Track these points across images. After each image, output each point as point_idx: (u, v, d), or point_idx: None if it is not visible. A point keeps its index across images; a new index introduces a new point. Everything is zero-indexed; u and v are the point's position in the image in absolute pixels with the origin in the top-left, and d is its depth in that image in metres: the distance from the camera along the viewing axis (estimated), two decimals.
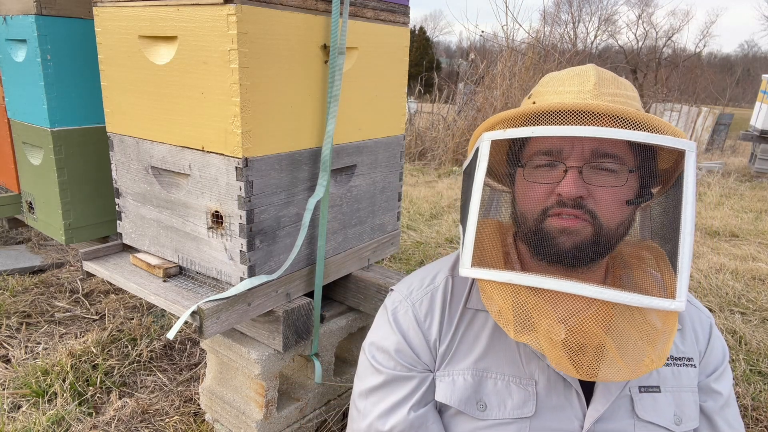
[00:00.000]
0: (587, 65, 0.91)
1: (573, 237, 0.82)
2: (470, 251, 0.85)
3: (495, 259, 0.90)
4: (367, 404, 0.98)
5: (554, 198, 0.84)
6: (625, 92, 0.87)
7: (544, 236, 0.85)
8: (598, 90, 0.84)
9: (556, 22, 9.13)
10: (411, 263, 3.20)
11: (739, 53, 43.11)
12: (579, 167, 0.82)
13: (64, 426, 1.71)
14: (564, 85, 0.88)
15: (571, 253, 0.83)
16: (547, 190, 0.85)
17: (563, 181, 0.82)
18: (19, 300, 2.49)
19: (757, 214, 5.00)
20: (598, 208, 0.82)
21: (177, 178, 1.41)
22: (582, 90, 0.85)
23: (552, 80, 0.92)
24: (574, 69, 0.91)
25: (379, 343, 1.00)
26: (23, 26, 1.65)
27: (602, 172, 0.83)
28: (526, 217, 0.88)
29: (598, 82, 0.85)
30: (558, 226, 0.83)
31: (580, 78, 0.87)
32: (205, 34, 1.21)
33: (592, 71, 0.87)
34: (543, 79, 0.96)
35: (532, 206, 0.87)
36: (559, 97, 0.87)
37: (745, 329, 2.54)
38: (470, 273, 0.84)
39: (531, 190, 0.87)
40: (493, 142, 0.86)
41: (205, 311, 1.24)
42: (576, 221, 0.82)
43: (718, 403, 0.98)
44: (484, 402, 0.91)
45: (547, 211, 0.84)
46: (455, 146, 7.00)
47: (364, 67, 1.51)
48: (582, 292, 0.76)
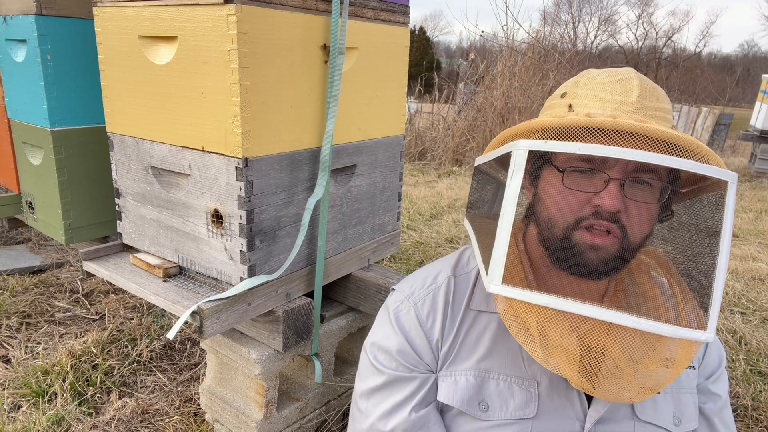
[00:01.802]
0: (627, 70, 0.85)
1: (600, 253, 0.81)
2: (501, 266, 0.79)
3: (520, 275, 0.87)
4: (369, 404, 0.98)
5: (590, 209, 0.80)
6: (664, 105, 0.84)
7: (571, 249, 0.82)
8: (641, 103, 0.81)
9: (556, 22, 9.14)
10: (411, 263, 3.20)
11: (739, 53, 43.14)
12: (622, 180, 0.79)
13: (64, 426, 1.71)
14: (606, 92, 0.83)
15: (597, 269, 0.81)
16: (583, 199, 0.81)
17: (605, 193, 0.79)
18: (19, 300, 2.49)
19: (757, 214, 5.00)
20: (630, 224, 0.80)
21: (177, 178, 1.41)
22: (626, 101, 0.81)
23: (592, 82, 0.86)
24: (615, 73, 0.85)
25: (380, 344, 1.00)
26: (23, 26, 1.65)
27: (640, 186, 0.80)
28: (555, 224, 0.84)
29: (642, 93, 0.81)
30: (589, 241, 0.80)
31: (624, 87, 0.82)
32: (205, 34, 1.21)
33: (635, 80, 0.83)
34: (580, 77, 0.89)
35: (565, 214, 0.83)
36: (600, 105, 0.82)
37: (745, 329, 2.54)
38: (501, 291, 0.79)
39: (566, 196, 0.82)
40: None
41: (205, 311, 1.24)
42: (607, 238, 0.80)
43: (717, 405, 0.99)
44: (486, 402, 0.91)
45: (581, 221, 0.81)
46: (455, 146, 7.00)
47: (364, 67, 1.51)
48: (624, 323, 0.74)
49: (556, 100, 0.91)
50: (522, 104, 6.78)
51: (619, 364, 0.79)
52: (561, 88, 0.91)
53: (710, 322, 0.76)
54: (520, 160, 0.79)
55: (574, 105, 0.85)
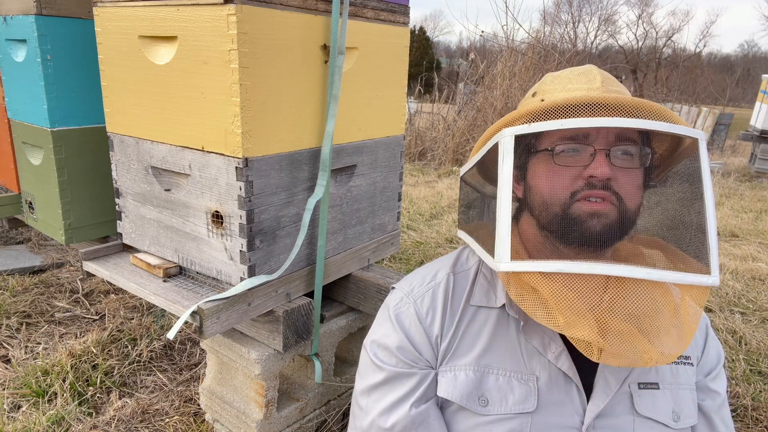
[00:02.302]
0: (587, 65, 0.93)
1: (602, 219, 0.83)
2: (507, 244, 0.82)
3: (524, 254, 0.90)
4: (369, 401, 0.98)
5: (582, 181, 0.85)
6: (626, 91, 0.91)
7: (573, 220, 0.85)
8: (606, 87, 0.88)
9: (556, 22, 9.14)
10: (411, 263, 3.20)
11: (739, 53, 43.12)
12: (607, 150, 0.84)
13: (64, 426, 1.71)
14: (572, 83, 0.90)
15: (602, 234, 0.84)
16: (574, 174, 0.85)
17: (594, 163, 0.84)
18: (19, 300, 2.49)
19: (757, 214, 5.00)
20: (623, 191, 0.84)
21: (177, 178, 1.41)
22: (591, 87, 0.88)
23: (557, 79, 0.93)
24: (576, 69, 0.92)
25: (380, 341, 1.00)
26: (23, 26, 1.66)
27: (624, 156, 0.86)
28: (551, 203, 0.87)
29: (604, 80, 0.89)
30: (588, 209, 0.84)
31: (587, 77, 0.90)
32: (205, 34, 1.21)
33: (596, 70, 0.90)
34: (545, 79, 0.96)
35: (559, 191, 0.86)
36: (570, 94, 0.88)
37: (745, 329, 2.54)
38: (511, 267, 0.82)
39: (557, 174, 0.86)
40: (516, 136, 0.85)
41: (205, 311, 1.24)
42: (605, 204, 0.83)
43: (716, 403, 1.00)
44: (486, 397, 0.92)
45: (576, 194, 0.85)
46: (455, 146, 7.00)
47: (364, 67, 1.51)
48: (635, 274, 0.78)
49: (527, 100, 0.97)
50: None
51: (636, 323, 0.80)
52: (530, 90, 0.99)
53: (713, 266, 0.80)
54: (508, 147, 0.85)
55: (546, 99, 0.90)
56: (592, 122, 0.80)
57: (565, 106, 0.83)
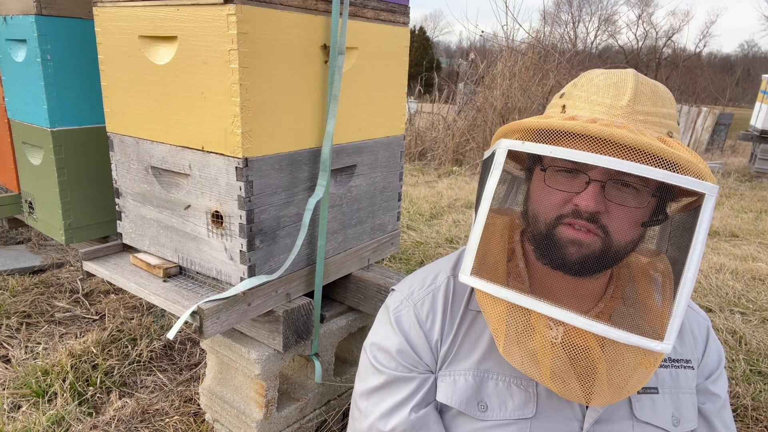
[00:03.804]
0: (629, 72, 0.84)
1: (582, 249, 0.82)
2: (472, 258, 0.83)
3: (497, 268, 0.88)
4: (369, 404, 0.98)
5: (570, 207, 0.82)
6: (662, 109, 0.82)
7: (553, 243, 0.84)
8: (632, 107, 0.80)
9: (556, 22, 9.14)
10: (411, 263, 3.20)
11: (739, 53, 43.10)
12: (602, 182, 0.80)
13: (64, 426, 1.71)
14: (598, 95, 0.83)
15: (577, 264, 0.83)
16: (564, 198, 0.83)
17: (583, 194, 0.80)
18: (19, 300, 2.49)
19: (757, 214, 5.00)
20: (612, 226, 0.81)
21: (177, 178, 1.41)
22: (614, 105, 0.81)
23: (588, 84, 0.86)
24: (614, 75, 0.84)
25: (380, 344, 1.00)
26: (23, 26, 1.65)
27: (624, 188, 0.81)
28: (538, 218, 0.86)
29: (634, 97, 0.80)
30: (570, 236, 0.82)
31: (617, 90, 0.82)
32: (205, 34, 1.21)
33: (631, 83, 0.82)
34: (581, 78, 0.89)
35: (546, 210, 0.85)
36: (590, 108, 0.83)
37: (745, 329, 2.54)
38: (468, 281, 0.84)
39: (548, 194, 0.85)
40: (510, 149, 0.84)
41: (205, 311, 1.24)
42: (588, 235, 0.81)
43: (716, 405, 0.99)
44: (485, 403, 0.92)
45: (561, 218, 0.83)
46: (455, 146, 7.00)
47: (364, 67, 1.51)
48: (573, 323, 0.76)
49: (556, 99, 0.92)
50: (522, 104, 6.78)
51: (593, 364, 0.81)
52: (565, 87, 0.93)
53: (668, 334, 0.75)
54: (500, 159, 0.84)
55: (567, 106, 0.86)
56: (580, 156, 0.76)
57: (563, 132, 0.80)
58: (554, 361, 0.81)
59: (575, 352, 0.80)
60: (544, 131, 0.83)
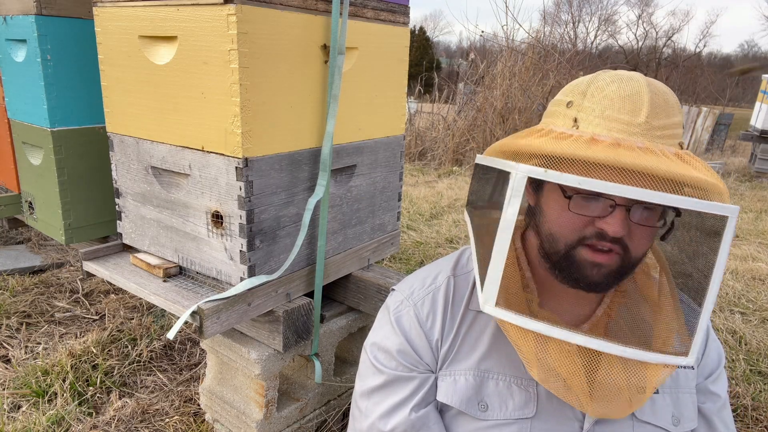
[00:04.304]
0: (639, 81, 0.81)
1: (603, 269, 0.82)
2: (496, 288, 0.80)
3: (517, 294, 0.87)
4: (369, 404, 0.98)
5: (593, 229, 0.81)
6: (674, 119, 0.81)
7: (574, 264, 0.83)
8: (649, 123, 0.78)
9: (556, 22, 9.14)
10: (411, 263, 3.20)
11: (739, 53, 43.09)
12: (628, 207, 0.79)
13: (64, 426, 1.71)
14: (613, 109, 0.79)
15: (597, 284, 0.84)
16: (587, 220, 0.82)
17: (611, 219, 0.79)
18: (19, 300, 2.49)
19: (757, 214, 5.00)
20: (633, 244, 0.81)
21: (177, 178, 1.41)
22: (633, 122, 0.78)
23: (599, 95, 0.81)
24: (626, 85, 0.80)
25: (380, 344, 1.00)
26: (23, 26, 1.65)
27: (644, 213, 0.81)
28: (557, 239, 0.84)
29: (651, 111, 0.78)
30: (592, 259, 0.82)
31: (633, 104, 0.79)
32: (205, 34, 1.21)
33: (646, 95, 0.79)
34: (589, 86, 0.84)
35: (567, 232, 0.83)
36: (606, 125, 0.79)
37: (745, 329, 2.54)
38: (495, 313, 0.82)
39: (569, 218, 0.83)
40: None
41: (205, 311, 1.24)
42: (610, 256, 0.81)
43: (716, 405, 0.99)
44: (486, 402, 0.92)
45: (584, 240, 0.82)
46: (455, 146, 7.00)
47: (364, 67, 1.51)
48: (610, 351, 0.78)
49: (561, 108, 0.87)
50: (522, 104, 6.78)
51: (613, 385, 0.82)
52: (568, 93, 0.87)
53: (692, 350, 0.80)
54: (518, 186, 0.78)
55: (580, 120, 0.82)
56: (613, 189, 0.73)
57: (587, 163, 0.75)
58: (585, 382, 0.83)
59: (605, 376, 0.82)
60: (566, 159, 0.77)
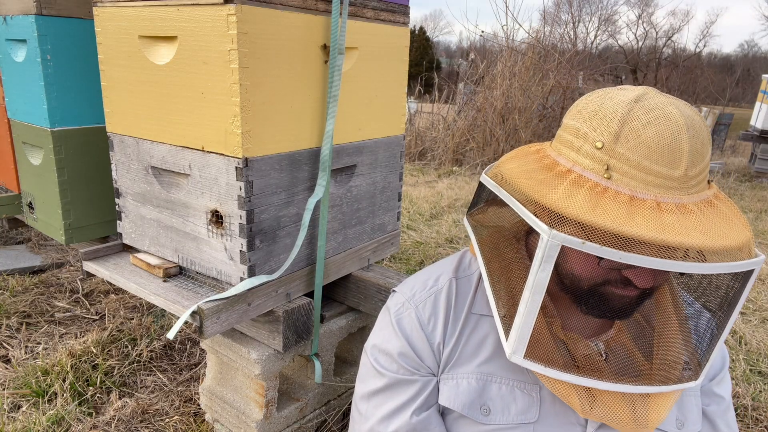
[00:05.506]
0: (677, 119, 0.75)
1: (624, 300, 0.83)
2: (525, 341, 0.81)
3: (544, 345, 0.86)
4: (369, 407, 0.98)
5: (618, 274, 0.81)
6: (706, 158, 0.78)
7: (600, 298, 0.84)
8: (687, 174, 0.75)
9: (556, 22, 9.12)
10: (411, 263, 3.20)
11: (739, 53, 43.06)
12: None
13: (64, 426, 1.71)
14: (651, 160, 0.74)
15: (620, 314, 0.86)
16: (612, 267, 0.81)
17: (641, 274, 0.79)
18: (19, 300, 2.49)
19: (757, 214, 5.00)
20: (656, 284, 0.82)
21: (177, 178, 1.41)
22: (671, 176, 0.74)
23: (637, 142, 0.75)
24: (665, 129, 0.74)
25: (381, 346, 0.99)
26: (23, 26, 1.65)
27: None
28: (580, 280, 0.84)
29: (690, 161, 0.74)
30: (620, 293, 0.82)
31: (672, 155, 0.74)
32: (205, 34, 1.21)
33: (686, 143, 0.74)
34: (624, 127, 0.76)
35: (592, 277, 0.82)
36: (643, 177, 0.75)
37: (745, 329, 2.54)
38: (523, 363, 0.83)
39: (598, 268, 0.81)
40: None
41: (205, 311, 1.24)
42: (634, 291, 0.82)
43: (720, 407, 0.99)
44: (488, 406, 0.91)
45: (609, 283, 0.82)
46: (455, 146, 7.00)
47: (364, 67, 1.51)
48: (637, 391, 0.83)
49: (588, 146, 0.79)
50: (522, 104, 6.77)
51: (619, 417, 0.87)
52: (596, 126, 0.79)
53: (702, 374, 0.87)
54: (551, 253, 0.74)
55: (613, 168, 0.76)
56: (656, 264, 0.70)
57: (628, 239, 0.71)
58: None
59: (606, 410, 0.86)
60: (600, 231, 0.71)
